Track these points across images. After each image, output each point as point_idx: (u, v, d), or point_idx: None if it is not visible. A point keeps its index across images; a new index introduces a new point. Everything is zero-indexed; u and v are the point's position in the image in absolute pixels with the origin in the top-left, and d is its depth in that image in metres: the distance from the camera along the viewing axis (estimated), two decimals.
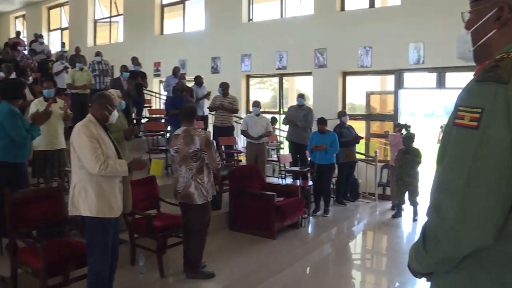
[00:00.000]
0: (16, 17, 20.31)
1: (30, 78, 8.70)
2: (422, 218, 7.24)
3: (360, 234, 7.59)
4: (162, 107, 11.11)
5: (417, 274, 1.49)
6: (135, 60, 10.25)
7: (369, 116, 10.19)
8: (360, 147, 9.34)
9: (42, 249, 3.47)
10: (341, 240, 6.95)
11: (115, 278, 3.77)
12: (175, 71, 10.45)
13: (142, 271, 4.60)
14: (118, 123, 4.63)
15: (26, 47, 13.80)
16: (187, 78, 11.02)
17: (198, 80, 9.55)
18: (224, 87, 8.56)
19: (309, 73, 10.61)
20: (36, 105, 5.40)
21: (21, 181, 4.38)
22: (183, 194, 4.44)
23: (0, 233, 4.32)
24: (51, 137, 5.34)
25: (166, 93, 10.61)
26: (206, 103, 9.34)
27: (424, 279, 1.50)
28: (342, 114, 8.34)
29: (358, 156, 8.85)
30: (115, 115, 3.68)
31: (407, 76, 9.47)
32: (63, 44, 14.58)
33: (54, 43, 17.70)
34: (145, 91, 10.78)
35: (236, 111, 8.70)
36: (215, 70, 12.04)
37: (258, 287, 4.83)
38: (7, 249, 4.33)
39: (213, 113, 8.82)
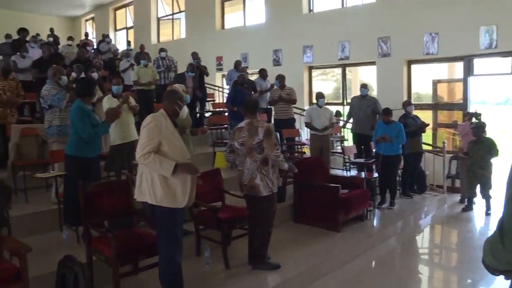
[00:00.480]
0: (87, 20, 21.33)
1: (95, 75, 9.05)
2: (496, 213, 6.90)
3: (428, 228, 7.32)
4: (225, 101, 11.25)
5: (494, 272, 1.41)
6: (195, 55, 10.43)
7: (436, 106, 9.78)
8: (427, 137, 9.01)
9: (113, 238, 3.63)
10: (407, 233, 6.74)
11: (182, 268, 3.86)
12: (237, 64, 10.53)
13: (207, 262, 4.69)
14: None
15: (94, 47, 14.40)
16: (249, 71, 11.07)
17: (263, 73, 9.58)
18: (280, 79, 8.58)
19: (372, 63, 10.34)
20: (107, 102, 5.61)
21: (93, 174, 4.60)
22: (249, 186, 4.48)
23: (76, 223, 4.59)
24: (124, 131, 5.56)
25: (228, 87, 10.73)
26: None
27: (502, 277, 1.41)
28: (407, 104, 8.07)
29: (425, 147, 8.55)
30: (185, 110, 3.78)
31: (477, 62, 8.96)
32: (128, 43, 15.09)
33: (120, 42, 18.39)
34: (208, 86, 10.95)
35: (294, 101, 8.70)
36: (277, 63, 12.02)
37: (322, 280, 4.81)
38: (83, 238, 4.59)
39: (274, 106, 8.85)
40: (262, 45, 12.25)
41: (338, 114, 10.14)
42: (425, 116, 9.32)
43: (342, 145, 9.61)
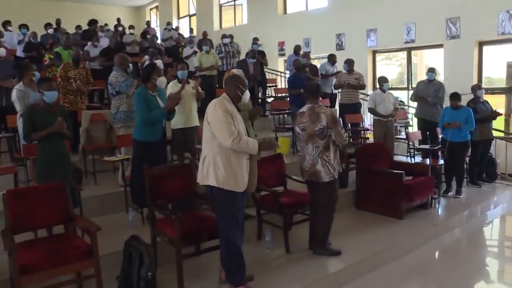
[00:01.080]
0: (151, 9, 21.89)
1: (160, 61, 9.23)
2: None
3: (498, 219, 6.94)
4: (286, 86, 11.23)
5: None
6: (255, 40, 10.44)
7: (510, 90, 9.23)
8: (498, 123, 8.51)
9: (177, 220, 3.73)
10: (474, 224, 6.42)
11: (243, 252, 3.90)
12: (296, 49, 10.47)
13: (268, 246, 4.74)
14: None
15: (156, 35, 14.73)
16: (312, 56, 10.93)
17: (332, 59, 9.46)
18: (349, 63, 8.43)
19: (439, 46, 9.91)
20: (172, 88, 5.72)
21: (159, 158, 4.72)
22: (310, 172, 4.45)
23: (142, 204, 4.76)
24: (186, 116, 5.64)
25: (288, 72, 10.68)
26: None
27: None
28: (476, 88, 7.64)
29: (496, 133, 8.09)
30: (247, 94, 3.77)
31: None
32: (191, 30, 15.31)
33: (183, 29, 18.74)
34: (270, 71, 10.95)
35: (363, 87, 8.54)
36: (340, 47, 11.81)
37: (385, 268, 4.72)
38: (147, 219, 4.76)
39: (339, 90, 8.71)
40: (325, 30, 12.06)
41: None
42: (498, 101, 8.85)
43: (407, 130, 9.31)
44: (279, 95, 10.76)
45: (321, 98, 4.78)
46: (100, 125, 6.51)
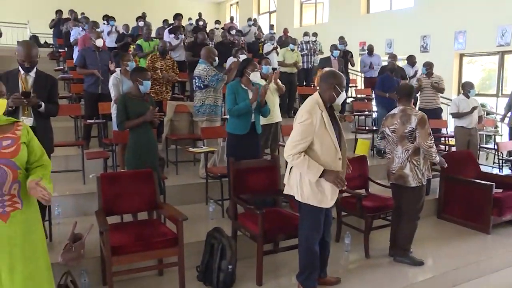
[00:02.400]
0: (231, 5, 22.24)
1: (244, 56, 9.32)
2: None
3: None
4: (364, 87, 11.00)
5: None
6: (342, 39, 10.27)
7: None
8: None
9: (261, 217, 3.72)
10: None
11: None
12: (370, 49, 10.33)
13: (347, 249, 4.64)
14: None
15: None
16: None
17: (411, 60, 9.14)
18: (428, 66, 8.09)
19: None
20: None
21: (248, 151, 4.71)
22: (397, 175, 4.29)
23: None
24: (270, 112, 5.64)
25: (362, 73, 10.49)
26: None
27: None
28: None
29: None
30: (343, 96, 3.51)
31: None
32: (271, 26, 15.36)
33: (262, 25, 18.85)
34: (350, 71, 10.76)
35: (442, 90, 8.14)
36: (424, 49, 11.38)
37: (468, 285, 4.45)
38: (228, 213, 4.81)
39: (418, 94, 8.38)
40: (409, 30, 11.66)
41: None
42: None
43: (494, 140, 8.77)
44: (359, 96, 10.54)
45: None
46: (184, 116, 6.66)
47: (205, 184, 5.38)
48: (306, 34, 10.49)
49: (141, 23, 11.46)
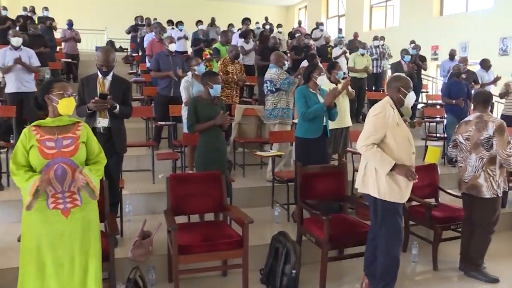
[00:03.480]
0: (300, 8, 22.23)
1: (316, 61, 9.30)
2: None
3: None
4: (439, 92, 10.56)
5: None
6: (413, 44, 9.96)
7: None
8: None
9: (327, 222, 3.67)
10: None
11: None
12: (452, 54, 9.81)
13: (414, 260, 4.49)
14: None
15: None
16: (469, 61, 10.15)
17: (485, 64, 8.70)
18: None
19: None
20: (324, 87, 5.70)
21: (317, 155, 4.67)
22: (470, 184, 4.09)
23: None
24: (340, 116, 5.56)
25: (442, 78, 10.04)
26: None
27: None
28: None
29: None
30: (411, 98, 3.52)
31: None
32: (340, 30, 15.19)
33: (331, 29, 18.68)
34: (422, 76, 10.40)
35: None
36: (503, 52, 10.77)
37: None
38: (293, 217, 4.80)
39: (503, 100, 7.94)
40: (487, 33, 11.09)
41: None
42: None
43: None
44: (430, 101, 10.16)
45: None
46: (252, 119, 6.72)
47: (271, 188, 5.40)
48: (375, 38, 10.29)
49: (201, 27, 11.70)
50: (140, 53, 11.08)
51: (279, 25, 13.39)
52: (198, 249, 3.49)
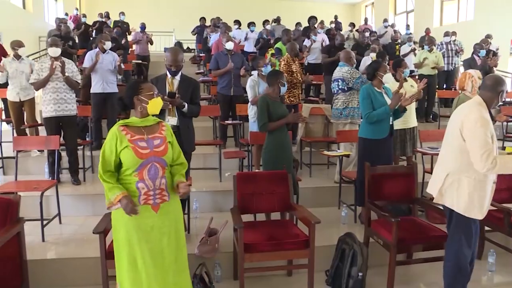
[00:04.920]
0: (366, 6, 21.76)
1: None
2: None
3: None
4: None
5: None
6: (488, 38, 9.45)
7: None
8: None
9: (396, 224, 3.56)
10: None
11: None
12: None
13: (491, 269, 4.23)
14: None
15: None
16: None
17: None
18: None
19: None
20: (393, 88, 5.53)
21: (383, 156, 4.55)
22: None
23: (359, 203, 4.71)
24: (405, 115, 5.37)
25: None
26: None
27: None
28: None
29: None
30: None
31: None
32: (407, 27, 14.70)
33: (399, 26, 18.15)
34: (497, 72, 9.85)
35: None
36: None
37: None
38: (360, 218, 4.70)
39: None
40: None
41: None
42: None
43: None
44: (509, 99, 9.58)
45: None
46: (319, 118, 6.66)
47: (338, 188, 5.33)
48: (447, 33, 9.86)
49: (268, 27, 11.74)
50: (205, 54, 11.29)
51: (351, 24, 13.16)
52: (264, 248, 3.49)
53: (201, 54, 11.95)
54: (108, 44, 6.69)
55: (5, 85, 6.79)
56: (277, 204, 4.03)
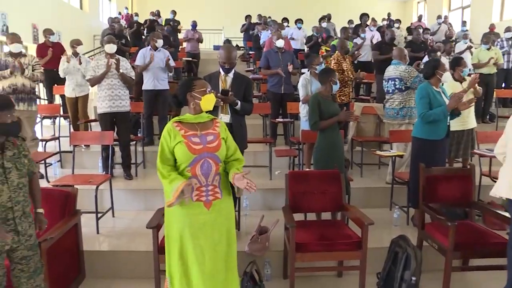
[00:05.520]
0: (418, 2, 21.17)
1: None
2: None
3: None
4: None
5: None
6: None
7: None
8: None
9: (453, 228, 3.43)
10: None
11: None
12: None
13: None
14: None
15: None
16: None
17: None
18: None
19: None
20: (450, 87, 5.30)
21: (437, 157, 4.41)
22: None
23: (412, 205, 4.57)
24: (463, 115, 5.13)
25: None
26: None
27: None
28: None
29: None
30: None
31: None
32: (463, 23, 14.16)
33: (451, 23, 17.53)
34: None
35: None
36: None
37: None
38: (413, 221, 4.57)
39: None
40: None
41: None
42: None
43: None
44: None
45: None
46: (370, 118, 6.51)
47: (390, 189, 5.20)
48: (508, 29, 9.41)
49: (324, 24, 11.62)
50: (255, 51, 11.31)
51: (397, 21, 12.85)
52: (316, 248, 3.46)
53: (250, 52, 11.97)
54: (160, 42, 6.81)
55: (64, 82, 7.06)
56: (329, 204, 3.98)
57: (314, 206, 3.99)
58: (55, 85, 7.81)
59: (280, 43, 7.06)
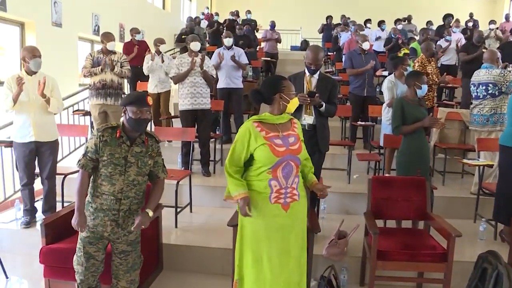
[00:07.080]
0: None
1: None
2: None
3: None
4: None
5: None
6: None
7: None
8: None
9: None
10: None
11: None
12: None
13: None
14: None
15: None
16: None
17: None
18: None
19: None
20: None
21: None
22: None
23: (504, 220, 4.28)
24: None
25: None
26: None
27: None
28: None
29: None
30: None
31: None
32: None
33: None
34: None
35: None
36: None
37: None
38: (501, 236, 4.31)
39: None
40: None
41: None
42: None
43: None
44: None
45: None
46: (455, 124, 6.19)
47: (475, 200, 4.95)
48: None
49: (399, 26, 11.27)
50: (335, 52, 11.16)
51: (492, 21, 12.15)
52: (398, 257, 3.35)
53: (329, 53, 11.84)
54: (227, 41, 6.87)
55: (147, 78, 7.34)
56: (412, 212, 3.83)
57: (397, 213, 3.87)
58: (139, 81, 8.14)
59: (366, 45, 6.97)
